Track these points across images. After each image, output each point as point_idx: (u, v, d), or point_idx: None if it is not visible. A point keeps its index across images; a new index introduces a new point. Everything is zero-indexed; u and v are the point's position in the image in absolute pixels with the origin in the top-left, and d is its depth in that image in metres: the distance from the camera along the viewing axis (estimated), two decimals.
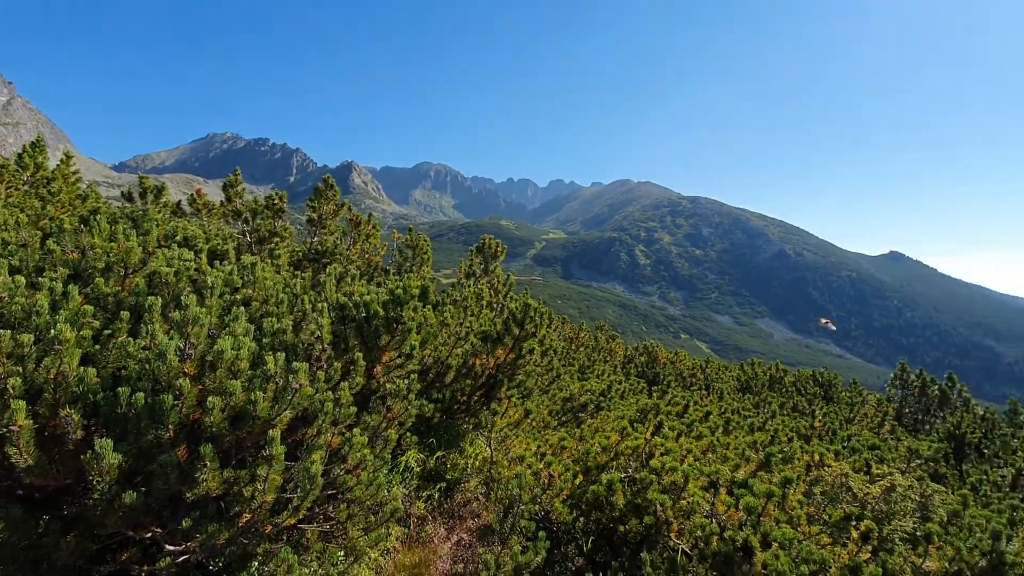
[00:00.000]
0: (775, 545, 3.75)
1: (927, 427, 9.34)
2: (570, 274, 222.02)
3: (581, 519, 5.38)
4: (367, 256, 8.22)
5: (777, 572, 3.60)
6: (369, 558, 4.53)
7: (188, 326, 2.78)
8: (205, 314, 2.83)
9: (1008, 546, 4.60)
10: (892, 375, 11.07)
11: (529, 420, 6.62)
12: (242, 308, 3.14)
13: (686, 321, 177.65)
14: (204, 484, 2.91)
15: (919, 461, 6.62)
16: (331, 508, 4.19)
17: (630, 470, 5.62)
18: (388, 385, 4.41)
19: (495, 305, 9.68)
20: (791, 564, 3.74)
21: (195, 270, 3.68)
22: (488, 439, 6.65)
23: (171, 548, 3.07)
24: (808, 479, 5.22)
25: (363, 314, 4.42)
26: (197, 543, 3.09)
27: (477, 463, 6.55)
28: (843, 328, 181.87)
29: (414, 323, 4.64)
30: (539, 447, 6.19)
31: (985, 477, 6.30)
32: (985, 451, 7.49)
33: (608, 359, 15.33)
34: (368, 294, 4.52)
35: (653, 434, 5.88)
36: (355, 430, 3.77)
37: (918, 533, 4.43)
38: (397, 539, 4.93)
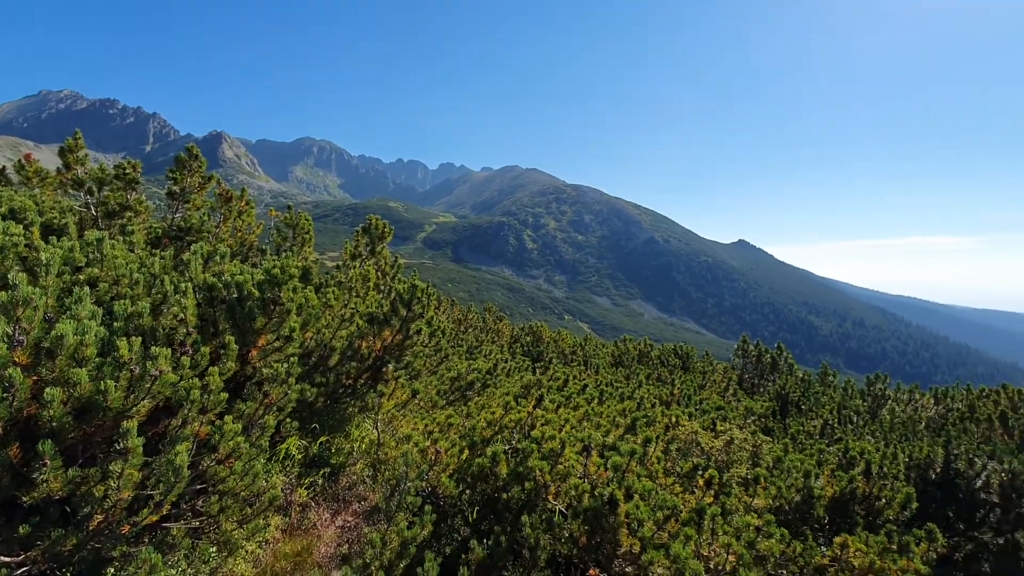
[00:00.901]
0: (636, 497, 4.13)
1: (761, 389, 10.74)
2: (460, 257, 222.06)
3: (467, 491, 5.50)
4: (240, 235, 7.59)
5: (637, 520, 3.98)
6: (245, 551, 4.29)
7: (18, 308, 2.41)
8: (39, 295, 2.47)
9: (815, 482, 5.47)
10: (736, 346, 12.55)
11: (417, 400, 6.59)
12: (87, 289, 2.78)
13: (569, 303, 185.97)
14: (45, 486, 2.57)
15: (753, 417, 7.58)
16: (201, 502, 3.90)
17: (513, 442, 5.84)
18: (265, 370, 4.17)
19: (383, 287, 9.45)
20: (649, 511, 4.14)
21: (25, 246, 3.19)
22: (375, 421, 6.54)
23: (6, 559, 2.69)
24: (666, 438, 5.78)
25: (235, 295, 4.11)
26: (39, 551, 2.74)
27: (364, 446, 6.42)
28: (700, 307, 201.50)
29: (294, 304, 4.41)
30: (427, 426, 6.21)
31: (801, 428, 7.39)
32: (803, 406, 8.78)
33: (496, 339, 15.66)
34: (241, 274, 4.21)
35: (535, 407, 6.15)
36: (227, 418, 3.53)
37: (749, 477, 5.11)
38: (278, 529, 4.71)
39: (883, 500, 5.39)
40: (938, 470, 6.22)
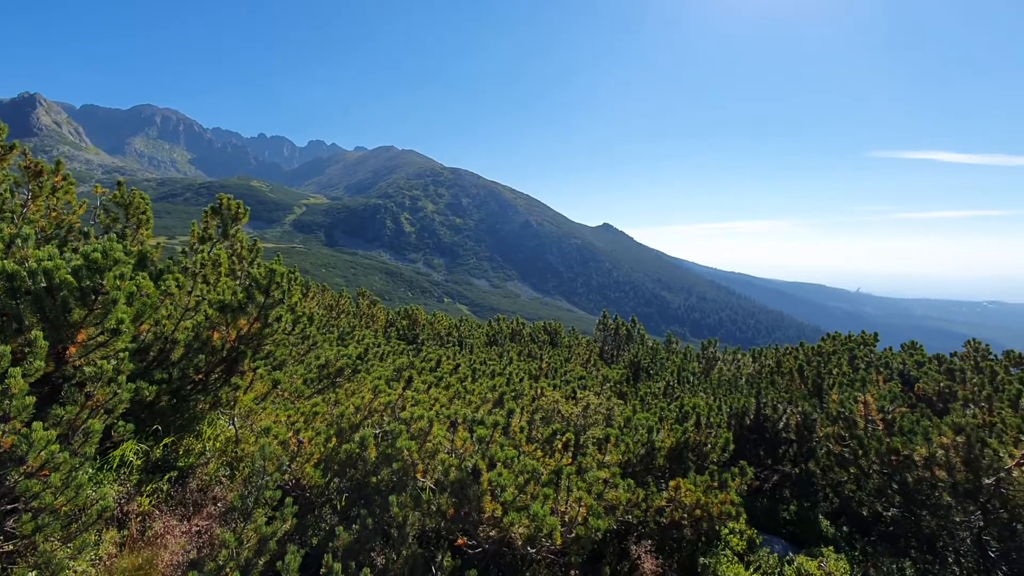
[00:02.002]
0: (499, 465, 4.31)
1: (618, 358, 11.71)
2: (334, 241, 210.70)
3: (335, 479, 5.34)
4: (55, 215, 6.49)
5: (500, 486, 4.17)
6: (74, 572, 3.78)
7: None
8: None
9: (657, 436, 6.10)
10: (598, 321, 13.52)
11: (278, 391, 6.21)
12: None
13: (448, 286, 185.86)
14: None
15: (609, 384, 8.25)
16: (13, 522, 3.36)
17: (384, 425, 5.77)
18: (87, 368, 3.66)
19: (239, 273, 8.67)
20: (512, 477, 4.35)
21: None
22: (231, 417, 6.06)
23: None
24: (531, 409, 6.09)
25: (43, 284, 3.53)
26: None
27: (218, 444, 5.93)
28: (571, 286, 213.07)
29: (121, 293, 3.90)
30: (290, 417, 5.88)
31: (649, 390, 8.20)
32: (651, 371, 9.74)
33: (370, 324, 15.19)
34: (51, 260, 3.61)
35: (404, 389, 6.11)
36: (36, 425, 3.05)
37: (602, 437, 5.58)
38: (113, 543, 4.20)
39: (709, 446, 6.20)
40: (751, 417, 7.27)
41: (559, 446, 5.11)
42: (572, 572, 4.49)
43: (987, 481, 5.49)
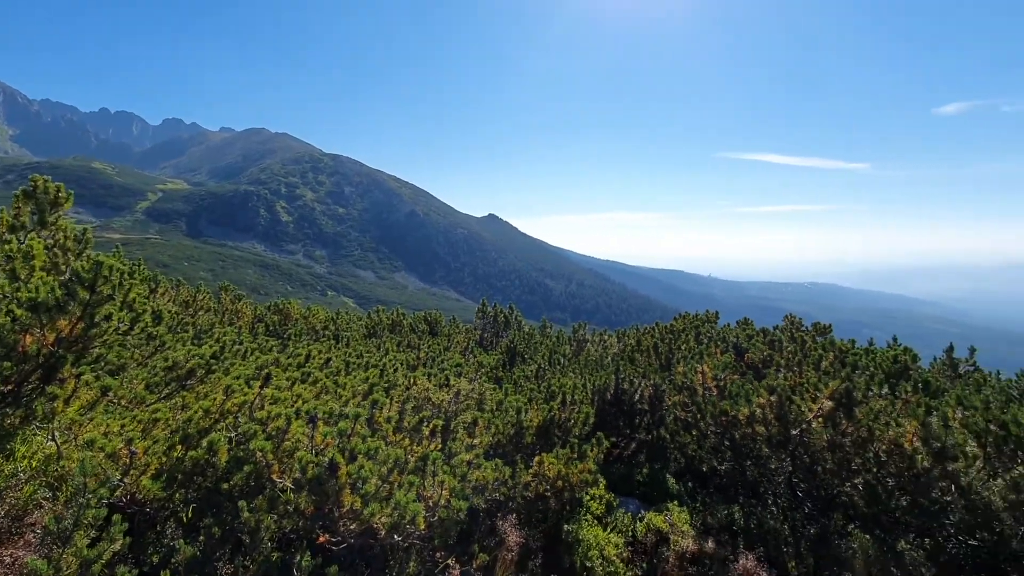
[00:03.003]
0: (361, 457, 4.20)
1: (496, 344, 11.97)
2: (198, 231, 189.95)
3: (181, 490, 4.85)
4: None
5: (361, 478, 4.06)
6: None
7: None
8: None
9: (525, 416, 6.33)
10: (477, 309, 13.69)
11: (110, 398, 5.48)
12: None
13: (332, 278, 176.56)
14: None
15: (484, 370, 8.40)
16: None
17: (238, 427, 5.34)
18: None
19: (63, 267, 7.47)
20: (375, 468, 4.26)
21: None
22: (50, 431, 5.24)
23: None
24: (402, 398, 6.00)
25: None
26: None
27: (35, 463, 5.10)
28: (459, 276, 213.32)
29: None
30: (124, 426, 5.21)
31: (522, 373, 8.48)
32: (526, 356, 10.08)
33: (234, 321, 13.96)
34: None
35: (262, 387, 5.69)
36: None
37: (471, 421, 5.67)
38: None
39: (572, 421, 6.57)
40: (611, 392, 7.83)
41: (427, 433, 5.10)
42: (438, 555, 4.52)
43: (794, 432, 6.43)
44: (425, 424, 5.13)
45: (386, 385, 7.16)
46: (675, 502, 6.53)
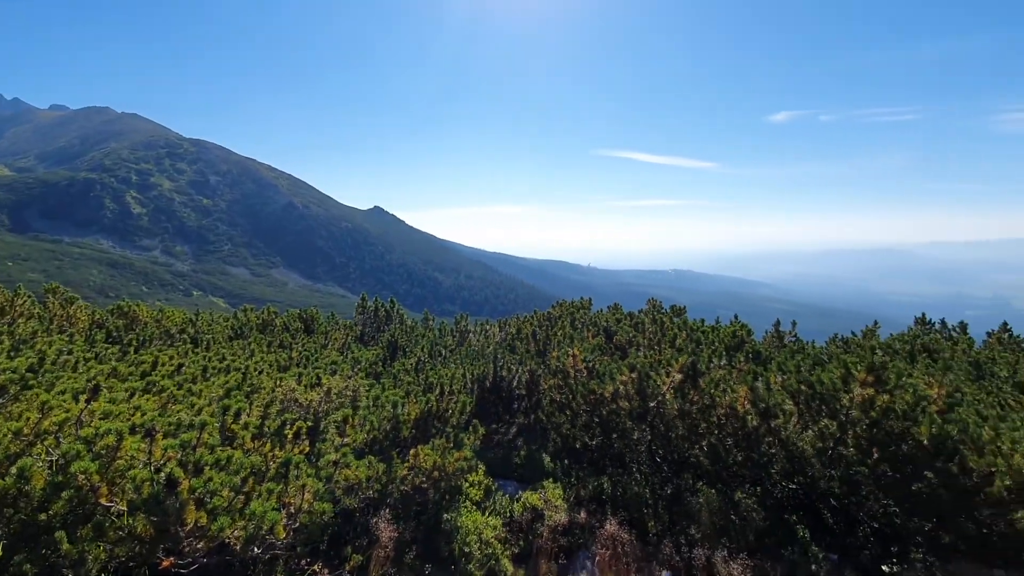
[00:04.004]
0: (208, 469, 3.79)
1: (378, 339, 11.57)
2: (25, 226, 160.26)
3: None
4: None
5: (209, 492, 3.67)
6: None
7: None
8: None
9: (402, 410, 6.17)
10: (357, 304, 13.11)
11: None
12: None
13: (198, 277, 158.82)
14: None
15: (360, 366, 8.06)
16: None
17: (59, 449, 4.56)
18: None
19: None
20: (226, 479, 3.87)
21: None
22: None
23: None
24: (264, 402, 5.54)
25: None
26: None
27: None
28: (344, 272, 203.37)
29: None
30: None
31: (402, 367, 8.27)
32: (407, 349, 9.86)
33: (66, 327, 11.97)
34: None
35: (89, 401, 4.92)
36: None
37: (341, 419, 5.39)
38: None
39: (450, 411, 6.54)
40: (490, 379, 7.92)
41: (290, 436, 4.75)
42: (303, 562, 4.25)
43: (651, 405, 6.99)
44: (288, 427, 4.78)
45: (248, 389, 6.59)
46: (550, 479, 6.79)
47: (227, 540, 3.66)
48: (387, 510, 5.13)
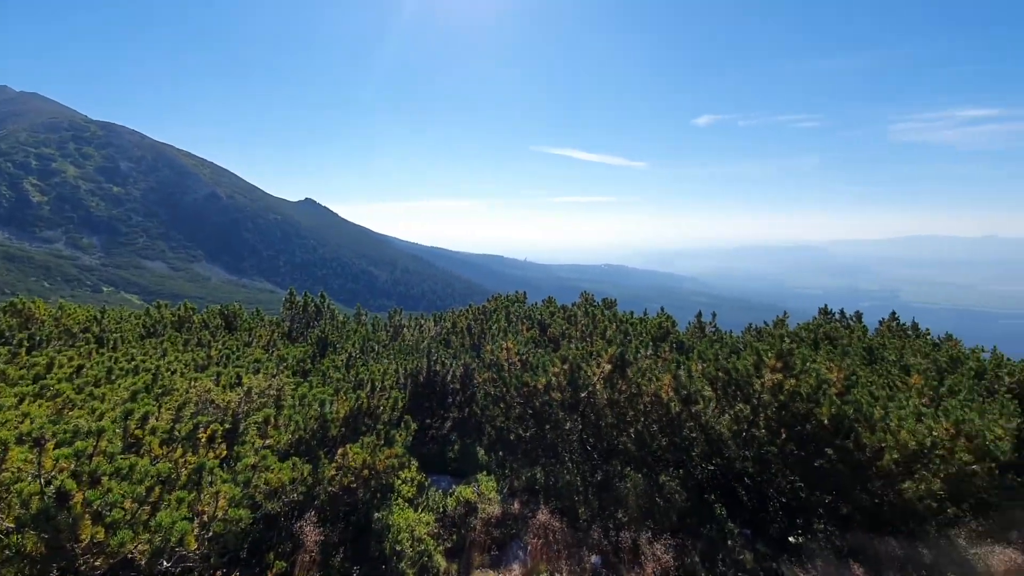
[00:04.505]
0: (107, 479, 3.45)
1: (307, 335, 11.07)
2: None
3: None
4: None
5: (107, 503, 3.33)
6: None
7: None
8: None
9: (330, 408, 5.93)
10: (283, 299, 12.46)
11: None
12: None
13: (108, 271, 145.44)
14: None
15: (287, 363, 7.68)
16: None
17: None
18: None
19: None
20: (128, 488, 3.55)
21: None
22: None
23: None
24: (175, 404, 5.12)
25: None
26: None
27: None
28: (273, 265, 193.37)
29: None
30: None
31: (332, 363, 7.95)
32: (338, 345, 9.49)
33: None
34: None
35: None
36: None
37: (262, 420, 5.09)
38: None
39: (382, 408, 6.36)
40: (424, 374, 7.78)
41: (204, 439, 4.42)
42: (219, 573, 3.97)
43: (582, 395, 7.13)
44: (201, 430, 4.44)
45: (159, 391, 6.08)
46: (485, 472, 6.78)
47: (130, 555, 3.34)
48: (313, 513, 4.90)
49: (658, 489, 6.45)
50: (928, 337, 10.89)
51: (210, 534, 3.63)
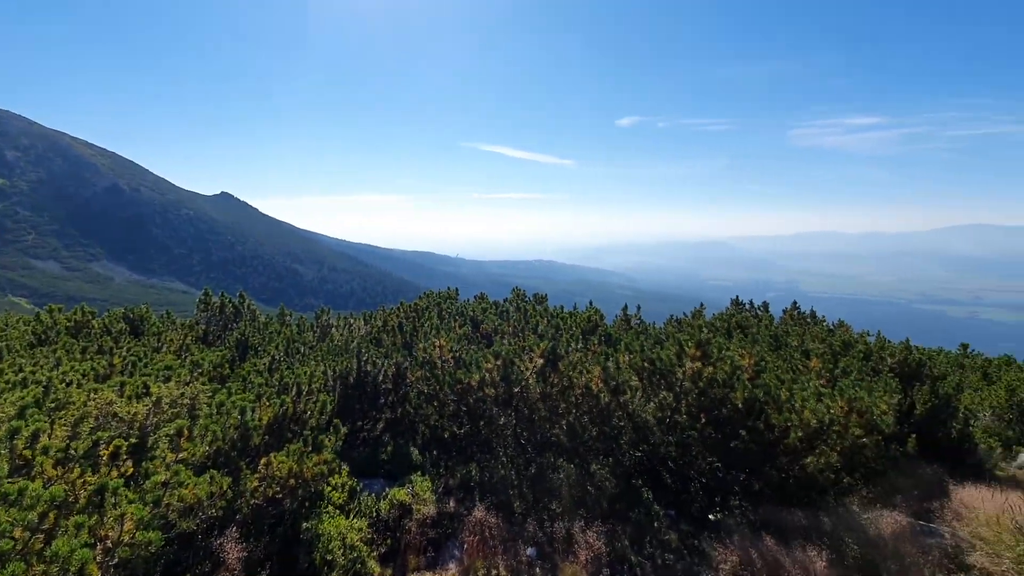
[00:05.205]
0: None
1: (225, 340, 10.34)
2: None
3: None
4: None
5: None
6: None
7: None
8: None
9: (251, 416, 5.56)
10: (197, 300, 11.55)
11: None
12: None
13: None
14: None
15: (202, 369, 7.12)
16: None
17: None
18: None
19: None
20: (18, 515, 3.14)
21: None
22: None
23: None
24: (70, 419, 4.59)
25: None
26: None
27: None
28: (186, 264, 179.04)
29: None
30: None
31: (253, 367, 7.47)
32: (260, 348, 8.94)
33: None
34: None
35: None
36: None
37: (175, 432, 4.68)
38: None
39: (309, 412, 6.05)
40: (354, 375, 7.50)
41: (105, 457, 3.99)
42: None
43: (516, 390, 7.17)
44: (103, 447, 4.01)
45: (52, 405, 5.44)
46: (419, 473, 6.64)
47: None
48: (235, 528, 4.57)
49: (589, 478, 6.62)
50: (824, 324, 11.98)
51: (115, 561, 3.28)
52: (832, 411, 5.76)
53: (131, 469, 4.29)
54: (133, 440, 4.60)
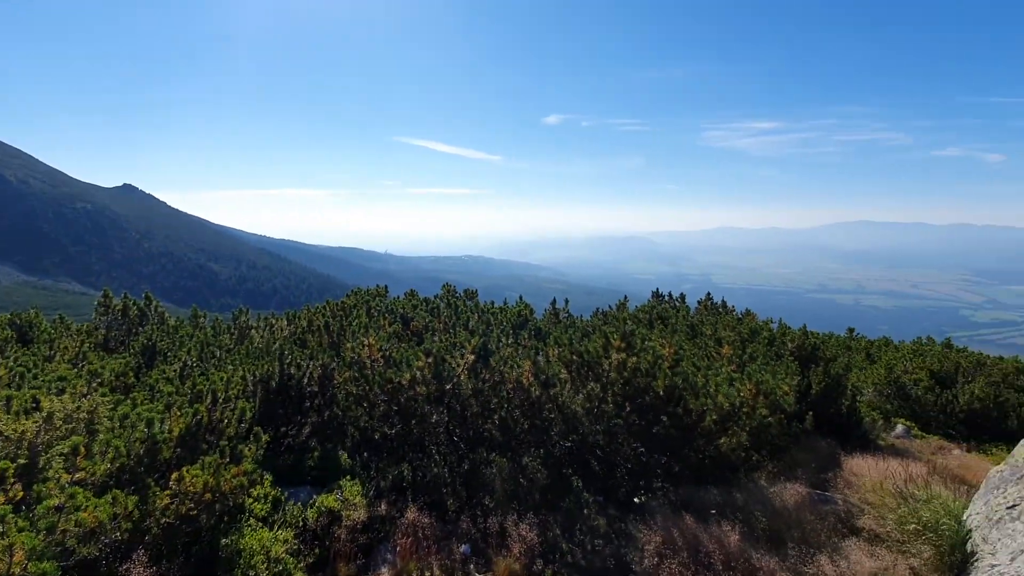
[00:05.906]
0: None
1: (129, 346, 9.43)
2: None
3: None
4: None
5: None
6: None
7: None
8: None
9: (160, 428, 5.11)
10: (96, 302, 10.42)
11: None
12: None
13: None
14: None
15: (103, 379, 6.45)
16: None
17: None
18: None
19: None
20: None
21: None
22: None
23: None
24: None
25: None
26: None
27: None
28: (83, 263, 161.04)
29: None
30: None
31: (162, 375, 6.87)
32: (170, 354, 8.23)
33: None
34: None
35: None
36: None
37: (69, 450, 4.20)
38: None
39: (226, 421, 5.65)
40: (277, 379, 7.10)
41: None
42: None
43: (447, 387, 7.10)
44: None
45: None
46: (348, 477, 6.41)
47: None
48: (143, 550, 4.18)
49: (522, 471, 6.69)
50: (734, 313, 12.87)
51: None
52: (742, 394, 6.20)
53: (20, 493, 3.80)
54: (22, 461, 4.07)
